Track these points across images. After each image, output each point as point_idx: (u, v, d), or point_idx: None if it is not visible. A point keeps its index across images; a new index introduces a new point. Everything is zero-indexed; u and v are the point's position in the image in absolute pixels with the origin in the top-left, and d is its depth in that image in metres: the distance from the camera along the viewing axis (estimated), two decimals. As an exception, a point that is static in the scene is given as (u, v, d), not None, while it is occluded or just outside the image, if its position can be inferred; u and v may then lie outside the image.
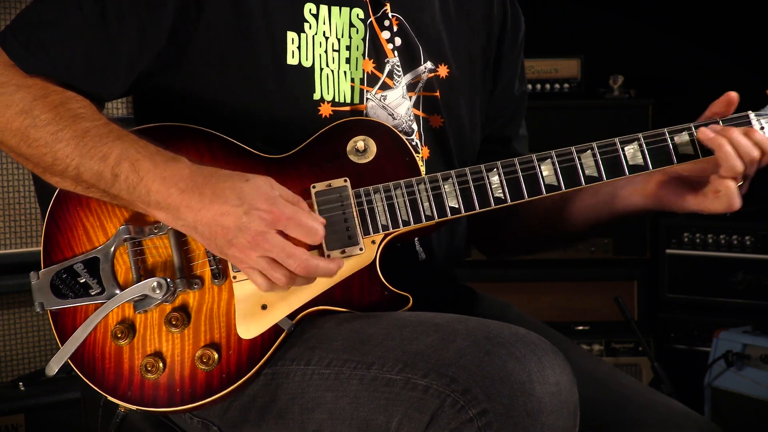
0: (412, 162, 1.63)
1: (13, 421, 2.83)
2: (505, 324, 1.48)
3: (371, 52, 1.71)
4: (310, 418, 1.52)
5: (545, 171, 1.62)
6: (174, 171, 1.48)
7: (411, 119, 1.76)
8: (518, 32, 1.95)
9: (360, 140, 1.63)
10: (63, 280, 1.59)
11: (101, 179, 1.49)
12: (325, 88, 1.67)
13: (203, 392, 1.55)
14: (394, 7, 1.74)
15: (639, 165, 1.63)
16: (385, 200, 1.60)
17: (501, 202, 1.61)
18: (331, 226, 1.57)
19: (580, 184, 1.62)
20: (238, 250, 1.46)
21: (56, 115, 1.50)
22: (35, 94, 1.52)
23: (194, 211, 1.46)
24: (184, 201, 1.46)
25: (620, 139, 1.63)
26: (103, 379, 1.57)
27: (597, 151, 1.62)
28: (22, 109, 1.51)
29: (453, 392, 1.38)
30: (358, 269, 1.60)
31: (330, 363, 1.51)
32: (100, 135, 1.50)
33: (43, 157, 1.52)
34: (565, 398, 1.39)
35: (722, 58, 3.93)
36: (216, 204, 1.45)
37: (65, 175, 1.52)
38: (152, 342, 1.56)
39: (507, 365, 1.38)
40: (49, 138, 1.50)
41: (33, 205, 2.99)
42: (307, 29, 1.66)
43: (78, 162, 1.49)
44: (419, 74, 1.77)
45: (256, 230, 1.45)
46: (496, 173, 1.61)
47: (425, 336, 1.47)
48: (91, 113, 1.53)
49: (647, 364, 3.46)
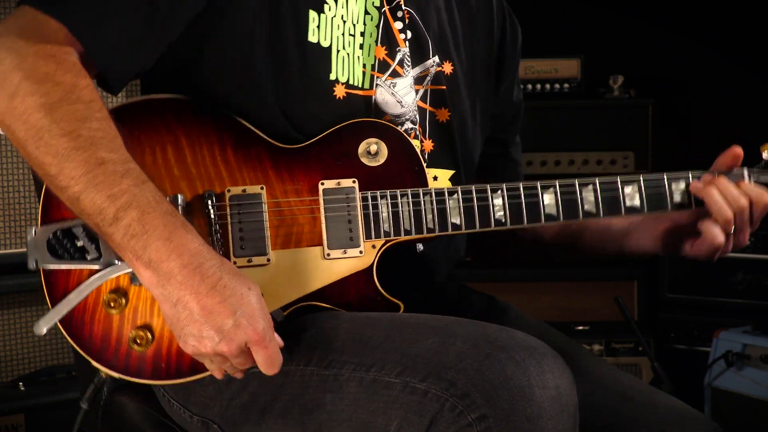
0: (421, 172, 1.65)
1: (13, 421, 2.83)
2: (504, 327, 1.48)
3: (384, 40, 1.74)
4: (310, 419, 1.52)
5: (547, 200, 1.66)
6: (183, 240, 1.40)
7: (416, 110, 1.77)
8: (517, 41, 1.99)
9: (373, 143, 1.64)
10: (60, 241, 1.55)
11: (100, 214, 1.40)
12: (340, 69, 1.69)
13: (189, 370, 1.55)
14: (406, 1, 1.76)
15: (635, 207, 1.69)
16: (391, 207, 1.62)
17: (500, 225, 1.65)
18: (335, 226, 1.59)
19: (577, 217, 1.67)
20: (200, 346, 1.41)
21: (76, 130, 1.41)
22: (62, 95, 1.42)
23: (185, 291, 1.38)
24: (180, 276, 1.38)
25: (622, 178, 1.68)
26: (90, 344, 1.56)
27: (598, 186, 1.67)
28: (44, 105, 1.41)
29: (452, 396, 1.37)
30: (355, 271, 1.61)
31: (329, 364, 1.51)
32: (115, 172, 1.40)
33: (48, 166, 1.42)
34: (565, 402, 1.39)
35: (722, 58, 3.93)
36: (211, 299, 1.38)
37: (63, 193, 1.43)
38: (144, 314, 1.55)
39: (506, 369, 1.37)
40: (61, 152, 1.40)
41: (33, 205, 2.98)
42: (326, 10, 1.68)
43: (82, 189, 1.40)
44: (428, 67, 1.79)
45: (235, 345, 1.40)
46: (499, 195, 1.65)
47: (425, 339, 1.46)
48: (111, 140, 1.43)
49: (647, 364, 3.46)
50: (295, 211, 1.60)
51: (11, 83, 1.41)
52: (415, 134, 1.76)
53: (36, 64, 1.43)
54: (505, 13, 1.96)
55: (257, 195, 1.59)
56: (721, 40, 3.92)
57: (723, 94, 3.98)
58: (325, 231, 1.60)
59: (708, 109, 4.04)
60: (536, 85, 3.77)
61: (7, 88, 1.42)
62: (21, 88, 1.41)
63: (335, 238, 1.59)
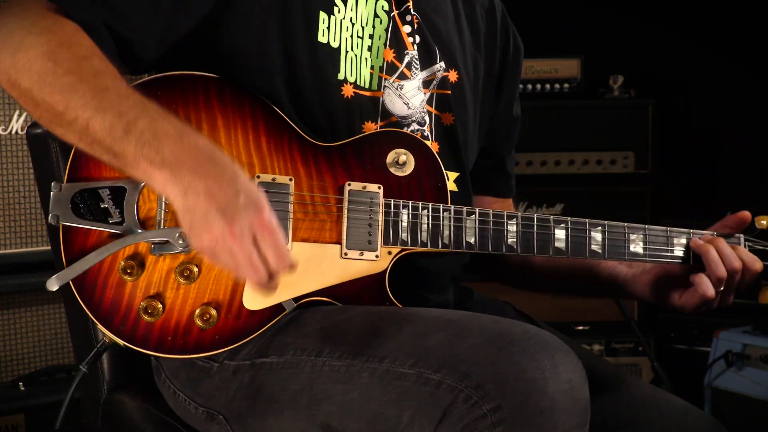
0: (443, 188, 1.69)
1: (13, 421, 2.83)
2: (516, 321, 1.50)
3: (392, 43, 1.77)
4: (319, 410, 1.52)
5: (558, 235, 1.72)
6: (194, 139, 1.43)
7: (424, 112, 1.80)
8: (519, 58, 2.04)
9: (403, 154, 1.68)
10: (84, 200, 1.56)
11: (110, 133, 1.43)
12: (349, 69, 1.72)
13: (193, 347, 1.57)
14: (415, 6, 1.80)
15: (638, 254, 1.77)
16: (411, 217, 1.65)
17: (511, 251, 1.70)
18: (355, 227, 1.63)
19: (584, 255, 1.74)
20: (211, 234, 1.40)
21: (78, 66, 1.47)
22: (61, 41, 1.48)
23: (196, 175, 1.40)
24: (193, 165, 1.40)
25: (628, 225, 1.77)
26: (99, 307, 1.57)
27: (606, 230, 1.75)
28: (45, 52, 1.47)
29: (466, 388, 1.39)
30: (368, 274, 1.64)
31: (341, 355, 1.52)
32: (119, 95, 1.46)
33: (55, 104, 1.46)
34: (577, 396, 1.41)
35: (722, 58, 3.93)
36: (219, 181, 1.40)
37: (72, 127, 1.46)
38: (157, 285, 1.57)
39: (521, 362, 1.39)
40: (66, 87, 1.45)
41: (33, 205, 2.98)
42: (336, 12, 1.71)
43: (91, 114, 1.43)
44: (435, 72, 1.82)
45: (241, 225, 1.40)
46: (514, 223, 1.70)
47: (438, 331, 1.48)
48: (113, 73, 1.49)
49: (647, 364, 3.46)
50: (319, 207, 1.63)
51: (13, 40, 1.48)
52: (422, 135, 1.79)
53: (36, 20, 1.49)
54: (508, 29, 2.01)
55: (285, 186, 1.62)
56: (721, 40, 3.92)
57: (723, 94, 3.98)
58: (346, 231, 1.62)
59: (708, 109, 4.04)
60: (536, 85, 3.78)
61: (10, 45, 1.48)
62: (23, 42, 1.48)
63: (354, 240, 1.63)
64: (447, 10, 1.88)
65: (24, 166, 2.97)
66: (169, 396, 1.74)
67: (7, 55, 1.48)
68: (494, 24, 1.97)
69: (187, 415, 1.71)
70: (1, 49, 1.48)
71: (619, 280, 1.90)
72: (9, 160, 2.95)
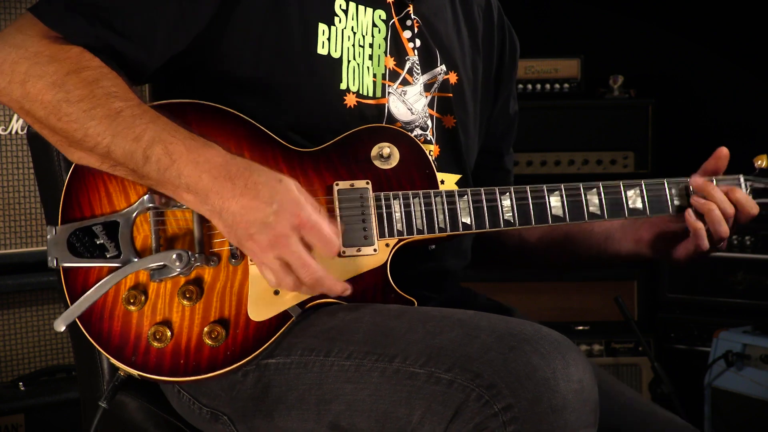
0: (432, 175, 1.69)
1: (13, 421, 2.83)
2: (527, 321, 1.51)
3: (392, 50, 1.78)
4: (327, 410, 1.53)
5: (553, 202, 1.72)
6: (207, 157, 1.49)
7: (426, 116, 1.81)
8: (515, 56, 2.05)
9: (386, 147, 1.68)
10: (80, 239, 1.59)
11: (132, 159, 1.50)
12: (351, 79, 1.73)
13: (207, 366, 1.57)
14: (415, 11, 1.81)
15: (638, 209, 1.77)
16: (403, 207, 1.66)
17: (509, 225, 1.70)
18: (350, 225, 1.63)
19: (583, 219, 1.73)
20: (256, 246, 1.48)
21: (89, 92, 1.50)
22: (69, 68, 1.51)
23: (223, 198, 1.48)
24: (215, 187, 1.48)
25: (624, 182, 1.77)
26: (109, 341, 1.58)
27: (602, 190, 1.74)
28: (55, 82, 1.50)
29: (478, 387, 1.39)
30: (369, 269, 1.64)
31: (350, 355, 1.53)
32: (133, 116, 1.50)
33: (73, 132, 1.51)
34: (587, 396, 1.41)
35: (722, 58, 3.93)
36: (246, 197, 1.47)
37: (94, 152, 1.52)
38: (163, 311, 1.58)
39: (532, 361, 1.39)
40: (81, 114, 1.49)
41: (33, 205, 2.98)
42: (337, 23, 1.72)
43: (110, 141, 1.49)
44: (435, 75, 1.83)
45: (281, 231, 1.47)
46: (508, 197, 1.70)
47: (449, 330, 1.49)
48: (124, 92, 1.53)
49: (647, 364, 3.46)
50: None
51: (20, 72, 1.51)
52: (424, 139, 1.80)
53: (39, 50, 1.52)
54: (505, 27, 2.02)
55: None
56: (721, 40, 3.92)
57: (723, 94, 3.98)
58: (340, 230, 1.63)
59: (708, 109, 4.04)
60: (536, 85, 3.77)
61: (17, 77, 1.51)
62: (30, 74, 1.51)
63: (350, 237, 1.63)
64: (446, 12, 1.89)
65: (24, 166, 2.97)
66: (172, 395, 1.74)
67: (17, 87, 1.51)
68: (491, 22, 1.99)
69: (190, 415, 1.71)
70: (10, 82, 1.52)
71: (615, 239, 1.92)
72: (9, 160, 2.95)
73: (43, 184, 1.88)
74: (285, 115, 1.67)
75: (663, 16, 4.03)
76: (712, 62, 3.97)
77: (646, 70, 4.02)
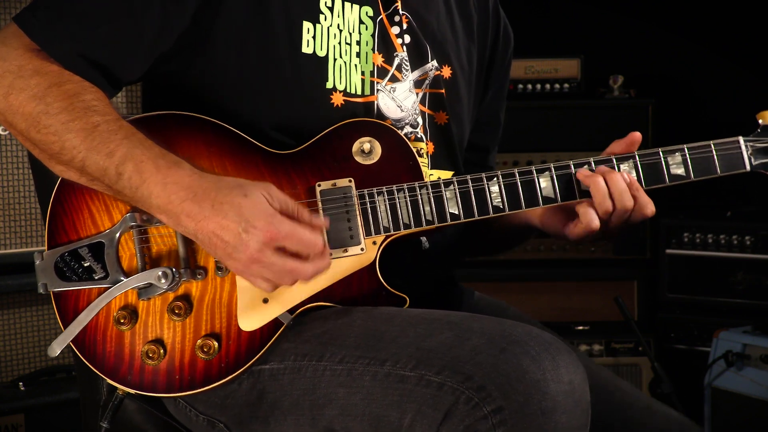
0: (416, 166, 1.66)
1: (13, 421, 2.83)
2: (518, 323, 1.50)
3: (380, 47, 1.76)
4: (321, 414, 1.53)
5: (543, 183, 1.66)
6: (176, 178, 1.48)
7: (417, 113, 1.79)
8: (508, 49, 2.01)
9: (366, 142, 1.65)
10: (67, 263, 1.60)
11: (105, 175, 1.50)
12: (337, 78, 1.71)
13: (202, 380, 1.58)
14: (404, 6, 1.78)
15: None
16: (388, 202, 1.63)
17: (498, 212, 1.65)
18: (334, 225, 1.61)
19: (574, 198, 1.66)
20: (238, 264, 1.49)
21: (69, 104, 1.51)
22: (51, 81, 1.52)
23: (195, 220, 1.47)
24: (184, 210, 1.48)
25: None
26: (104, 362, 1.59)
27: (594, 164, 1.66)
28: (36, 95, 1.51)
29: (468, 389, 1.39)
30: (358, 268, 1.62)
31: (343, 359, 1.52)
32: (109, 131, 1.50)
33: (51, 144, 1.52)
34: (578, 397, 1.41)
35: (722, 58, 3.93)
36: (216, 218, 1.46)
37: (71, 165, 1.53)
38: (154, 329, 1.59)
39: (522, 363, 1.39)
40: (60, 127, 1.50)
41: (33, 205, 2.99)
42: (322, 20, 1.70)
43: (84, 155, 1.50)
44: (426, 71, 1.81)
45: (255, 248, 1.46)
46: (495, 183, 1.65)
47: (439, 333, 1.48)
48: (103, 107, 1.53)
49: (647, 364, 3.46)
50: None
51: (3, 85, 1.52)
52: (415, 137, 1.78)
53: (22, 64, 1.53)
54: (500, 19, 1.99)
55: None
56: (721, 40, 3.92)
57: (723, 94, 3.98)
58: (325, 231, 1.60)
59: (708, 109, 4.04)
60: (536, 85, 3.77)
61: (1, 90, 1.52)
62: (13, 86, 1.51)
63: (335, 238, 1.61)
64: (438, 5, 1.86)
65: (24, 166, 2.97)
66: (169, 402, 1.74)
67: (0, 99, 1.52)
68: (486, 11, 1.96)
69: (187, 422, 1.71)
70: None
71: (531, 221, 1.85)
72: (9, 160, 2.95)
73: (43, 184, 1.88)
74: (272, 116, 1.66)
75: (663, 16, 4.03)
76: (712, 62, 3.97)
77: (646, 70, 4.02)
